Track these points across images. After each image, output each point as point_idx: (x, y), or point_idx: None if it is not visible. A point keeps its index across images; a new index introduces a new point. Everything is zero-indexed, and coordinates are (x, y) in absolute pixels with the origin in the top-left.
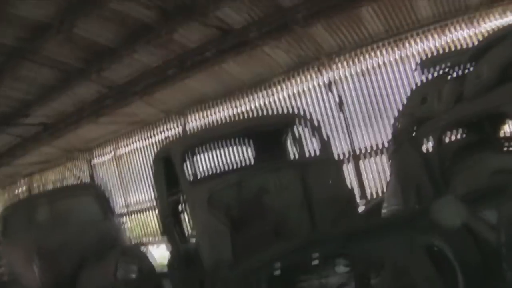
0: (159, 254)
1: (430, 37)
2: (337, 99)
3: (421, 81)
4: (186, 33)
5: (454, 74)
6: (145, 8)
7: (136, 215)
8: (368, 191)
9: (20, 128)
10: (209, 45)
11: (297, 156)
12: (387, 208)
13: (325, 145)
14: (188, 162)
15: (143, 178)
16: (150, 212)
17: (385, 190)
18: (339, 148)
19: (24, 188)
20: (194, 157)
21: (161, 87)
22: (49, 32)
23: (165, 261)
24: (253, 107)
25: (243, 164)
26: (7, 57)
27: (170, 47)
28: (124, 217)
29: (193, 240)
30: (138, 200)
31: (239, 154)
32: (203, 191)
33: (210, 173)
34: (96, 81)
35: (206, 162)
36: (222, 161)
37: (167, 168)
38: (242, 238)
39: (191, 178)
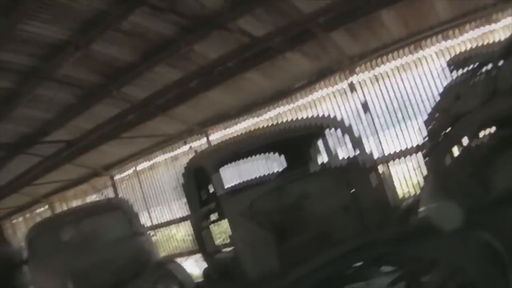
0: (189, 267)
1: (451, 36)
2: (361, 103)
3: (454, 78)
4: (206, 45)
5: (486, 70)
6: (164, 21)
7: (162, 229)
8: (398, 193)
9: (40, 148)
10: (231, 55)
11: (332, 161)
12: (425, 208)
13: (360, 148)
14: (221, 172)
15: (167, 192)
16: (177, 226)
17: (416, 191)
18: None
19: (46, 208)
20: (228, 167)
21: (183, 100)
22: (67, 50)
23: (198, 274)
24: (277, 115)
25: (279, 172)
26: (25, 76)
27: (191, 60)
28: (151, 232)
29: (230, 251)
30: (163, 214)
31: (272, 162)
32: (243, 200)
33: (245, 182)
34: (116, 97)
35: (239, 171)
36: (256, 169)
37: (198, 179)
38: (286, 246)
39: (227, 188)
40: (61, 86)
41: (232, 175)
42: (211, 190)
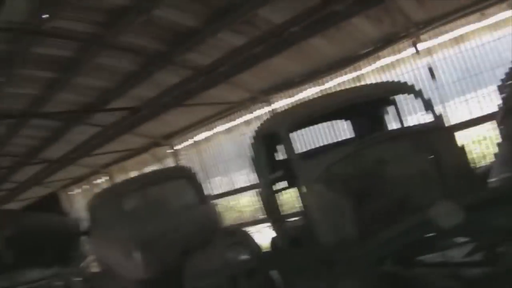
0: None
1: None
2: (428, 70)
3: None
4: (270, 10)
5: None
6: None
7: (224, 199)
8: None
9: (100, 117)
10: (295, 20)
11: (408, 125)
12: (498, 176)
13: (434, 113)
14: (294, 137)
15: (229, 161)
16: (239, 195)
17: (486, 160)
18: None
19: (105, 178)
20: (300, 132)
21: (246, 67)
22: (128, 16)
23: (263, 243)
24: (342, 83)
25: (353, 136)
26: (85, 44)
27: (255, 25)
28: (216, 200)
29: (301, 218)
30: (224, 184)
31: (345, 126)
32: (318, 165)
33: (319, 147)
34: (179, 64)
35: (311, 136)
36: (328, 134)
37: (269, 145)
38: (364, 212)
39: (300, 153)
40: (122, 53)
41: (304, 140)
42: (282, 155)
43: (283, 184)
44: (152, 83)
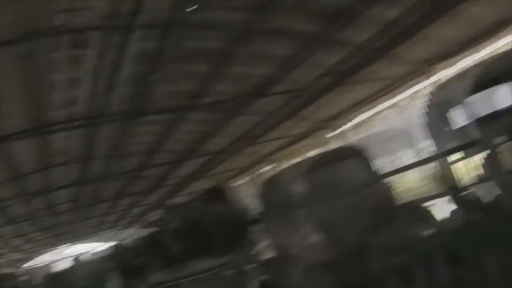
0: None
1: None
2: None
3: None
4: None
5: None
6: None
7: (395, 175)
8: None
9: (262, 105)
10: None
11: None
12: None
13: None
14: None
15: (396, 137)
16: (410, 171)
17: None
18: None
19: (272, 165)
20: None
21: (404, 39)
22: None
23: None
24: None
25: None
26: (237, 33)
27: None
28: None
29: (487, 184)
30: (393, 160)
31: None
32: (504, 127)
33: (497, 110)
34: (335, 43)
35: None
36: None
37: (446, 113)
38: None
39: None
40: (276, 38)
41: (482, 104)
42: (461, 123)
43: (461, 154)
44: (310, 65)
